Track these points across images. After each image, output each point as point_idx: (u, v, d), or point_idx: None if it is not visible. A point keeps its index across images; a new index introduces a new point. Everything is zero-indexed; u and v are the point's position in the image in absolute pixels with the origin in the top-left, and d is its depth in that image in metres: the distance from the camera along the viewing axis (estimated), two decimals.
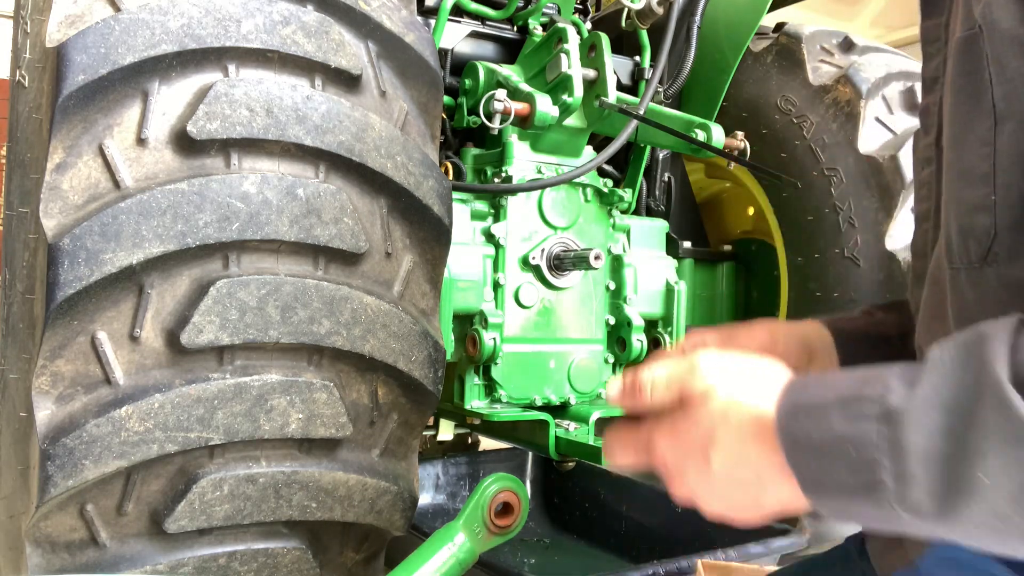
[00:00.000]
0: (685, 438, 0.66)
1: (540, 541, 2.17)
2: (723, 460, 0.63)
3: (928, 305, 0.75)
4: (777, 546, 1.62)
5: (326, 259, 1.20)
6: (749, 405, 0.63)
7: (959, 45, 0.66)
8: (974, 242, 0.65)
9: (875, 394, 0.57)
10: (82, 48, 1.06)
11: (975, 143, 0.64)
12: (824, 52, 2.19)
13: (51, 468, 1.03)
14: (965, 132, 0.66)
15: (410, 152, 1.26)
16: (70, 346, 1.06)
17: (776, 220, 2.23)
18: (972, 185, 0.65)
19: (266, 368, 1.15)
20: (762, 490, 0.63)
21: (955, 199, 0.67)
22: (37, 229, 1.08)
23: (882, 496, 0.55)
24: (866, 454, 0.56)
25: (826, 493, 0.59)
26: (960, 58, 0.66)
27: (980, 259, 0.65)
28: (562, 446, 1.74)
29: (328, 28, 1.21)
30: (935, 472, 0.53)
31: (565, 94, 1.73)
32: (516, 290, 1.81)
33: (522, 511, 1.17)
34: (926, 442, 0.54)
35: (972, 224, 0.65)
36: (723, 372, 0.66)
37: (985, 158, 0.63)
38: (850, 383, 0.59)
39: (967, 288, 0.66)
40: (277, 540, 1.21)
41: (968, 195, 0.65)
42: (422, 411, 1.31)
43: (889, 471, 0.55)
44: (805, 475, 0.60)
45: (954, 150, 0.68)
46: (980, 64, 0.64)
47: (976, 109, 0.64)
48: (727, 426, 0.63)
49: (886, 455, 0.55)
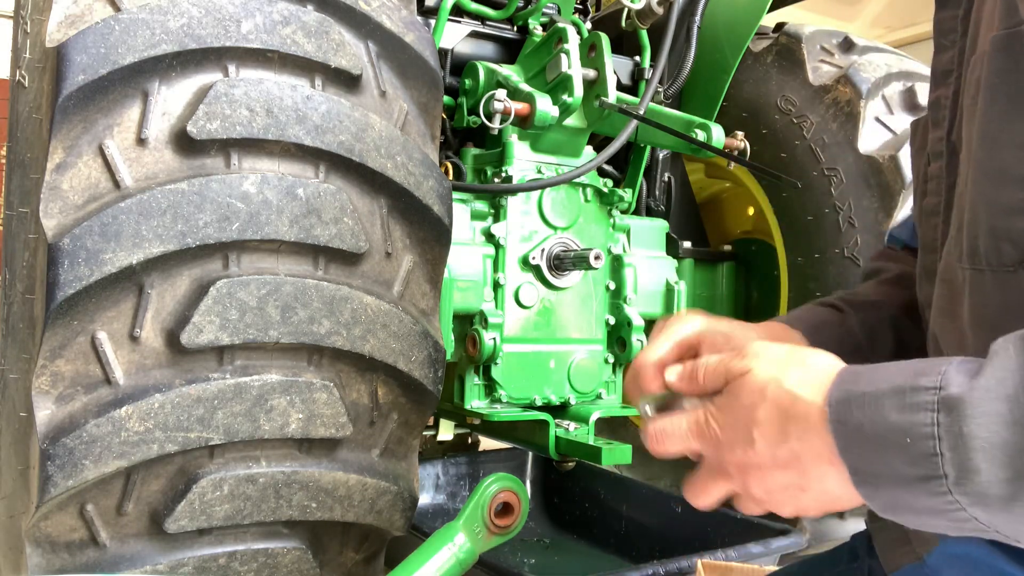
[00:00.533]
0: (729, 414, 0.66)
1: (540, 541, 2.17)
2: (765, 437, 0.63)
3: (940, 303, 0.75)
4: (777, 546, 1.61)
5: (326, 259, 1.20)
6: (788, 385, 0.63)
7: (996, 42, 0.64)
8: (1009, 245, 0.64)
9: (932, 384, 0.56)
10: (82, 48, 1.06)
11: (1013, 145, 0.63)
12: (824, 52, 2.19)
13: (51, 468, 1.03)
14: (1000, 132, 0.64)
15: (410, 152, 1.26)
16: (70, 346, 1.06)
17: (776, 220, 2.23)
18: (1008, 187, 0.63)
19: (266, 368, 1.15)
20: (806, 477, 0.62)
21: (986, 200, 0.66)
22: (37, 229, 1.08)
23: (941, 487, 0.55)
24: (924, 445, 0.55)
25: (880, 484, 0.58)
26: (997, 56, 0.64)
27: (1015, 263, 0.63)
28: (562, 446, 1.74)
29: (328, 28, 1.21)
30: (1000, 462, 0.53)
31: (565, 94, 1.73)
32: (516, 290, 1.81)
33: (522, 511, 1.17)
34: (989, 433, 0.53)
35: (1008, 227, 0.63)
36: (766, 353, 0.67)
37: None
38: (905, 373, 0.59)
39: (993, 291, 0.65)
40: (277, 540, 1.21)
41: (1004, 197, 0.64)
42: (422, 411, 1.31)
43: (950, 461, 0.54)
44: (858, 466, 0.59)
45: (985, 149, 0.66)
46: (1021, 64, 0.62)
47: (1015, 110, 0.63)
48: (766, 404, 0.63)
49: (946, 445, 0.54)
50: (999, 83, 0.64)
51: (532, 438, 1.80)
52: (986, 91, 0.66)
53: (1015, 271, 0.64)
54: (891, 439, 0.57)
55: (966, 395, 0.54)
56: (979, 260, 0.66)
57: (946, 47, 0.79)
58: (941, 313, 0.74)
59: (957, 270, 0.70)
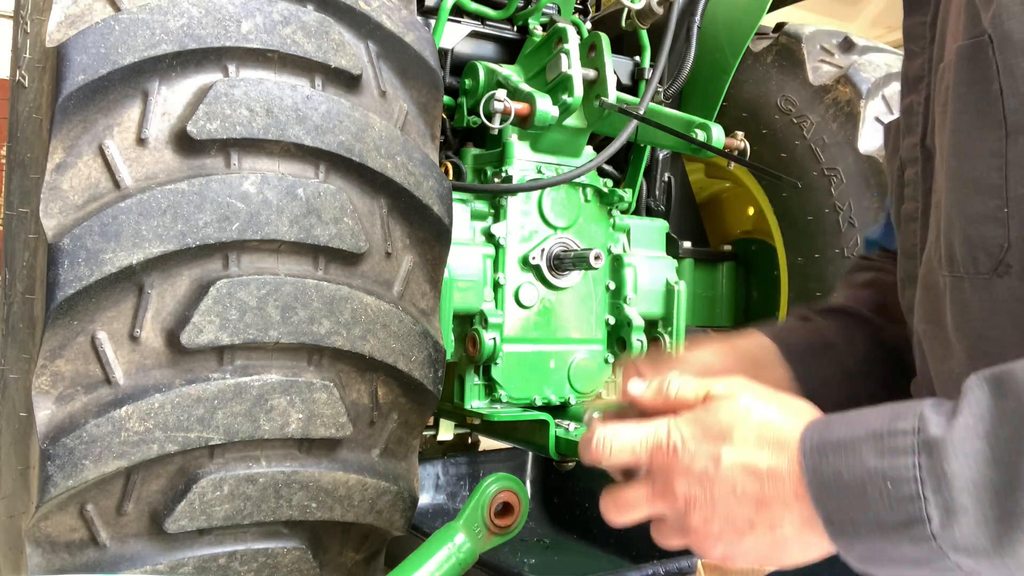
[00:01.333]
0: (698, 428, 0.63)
1: (540, 541, 2.17)
2: (735, 457, 0.60)
3: (923, 309, 0.74)
4: None
5: (326, 259, 1.20)
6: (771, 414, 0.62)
7: (961, 52, 0.64)
8: (984, 254, 0.63)
9: (910, 427, 0.55)
10: (82, 48, 1.06)
11: (983, 154, 0.62)
12: (824, 52, 2.19)
13: (51, 468, 1.03)
14: (971, 142, 0.64)
15: (410, 152, 1.26)
16: (70, 346, 1.06)
17: (776, 220, 2.23)
18: (980, 196, 0.63)
19: (266, 368, 1.15)
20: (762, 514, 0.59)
21: (960, 209, 0.66)
22: (37, 229, 1.08)
23: (924, 532, 0.53)
24: (906, 489, 0.53)
25: (858, 534, 0.56)
26: (963, 66, 0.64)
27: (990, 271, 0.63)
28: (562, 446, 1.74)
29: (328, 28, 1.21)
30: (986, 502, 0.51)
31: (565, 94, 1.73)
32: (516, 290, 1.81)
33: (522, 511, 1.17)
34: (972, 472, 0.52)
35: (982, 235, 0.63)
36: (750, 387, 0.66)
37: (996, 169, 0.62)
38: (879, 418, 0.57)
39: (973, 298, 0.65)
40: (277, 540, 1.21)
41: (976, 206, 0.63)
42: (422, 411, 1.31)
43: (933, 504, 0.53)
44: (834, 516, 0.57)
45: (957, 159, 0.66)
46: (988, 74, 0.62)
47: (984, 120, 0.62)
48: (747, 424, 0.62)
49: (929, 488, 0.53)
50: (966, 92, 0.64)
51: (532, 438, 1.80)
52: (955, 101, 0.65)
53: (990, 279, 0.63)
54: (871, 485, 0.55)
55: (946, 435, 0.53)
56: (957, 267, 0.66)
57: (916, 53, 0.79)
58: (925, 319, 0.74)
59: (937, 276, 0.69)
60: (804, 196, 2.11)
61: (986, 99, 0.62)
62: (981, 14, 0.62)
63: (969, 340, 0.66)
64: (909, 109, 0.79)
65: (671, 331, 2.01)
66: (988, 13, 0.62)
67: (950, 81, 0.66)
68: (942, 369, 0.71)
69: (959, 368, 0.67)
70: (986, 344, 0.64)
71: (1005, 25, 0.60)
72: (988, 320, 0.64)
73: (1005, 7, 0.60)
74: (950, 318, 0.68)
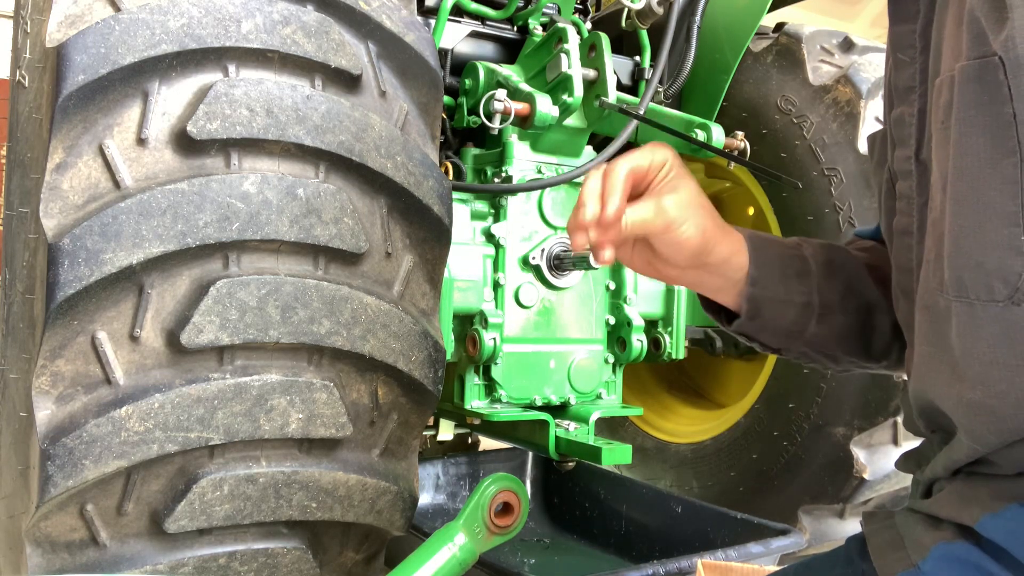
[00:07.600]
0: None
1: (540, 541, 2.17)
2: None
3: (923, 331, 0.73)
4: (777, 546, 1.61)
5: (326, 259, 1.20)
6: None
7: (967, 73, 0.62)
8: (1000, 282, 0.62)
9: None
10: (82, 48, 1.06)
11: (997, 179, 0.61)
12: (824, 52, 2.19)
13: (51, 468, 1.03)
14: (981, 167, 0.62)
15: (410, 152, 1.26)
16: (70, 346, 1.06)
17: (776, 220, 2.23)
18: (994, 223, 0.61)
19: (266, 368, 1.15)
20: None
21: (972, 234, 0.64)
22: (37, 229, 1.08)
23: None
24: None
25: None
26: (969, 87, 0.62)
27: (1006, 298, 0.62)
28: (562, 446, 1.75)
29: (328, 28, 1.21)
30: None
31: (565, 94, 1.73)
32: (516, 290, 1.81)
33: (522, 511, 1.17)
34: None
35: (998, 264, 0.62)
36: None
37: (1011, 196, 0.60)
38: None
39: (985, 325, 0.64)
40: (277, 540, 1.21)
41: (990, 233, 0.62)
42: (422, 411, 1.31)
43: None
44: None
45: (965, 183, 0.64)
46: (999, 96, 0.60)
47: (997, 145, 0.61)
48: None
49: None
50: (975, 116, 0.62)
51: (532, 438, 1.81)
52: (960, 123, 0.63)
53: (1006, 306, 0.62)
54: None
55: None
56: (966, 292, 0.65)
57: (905, 63, 0.77)
58: (927, 342, 0.72)
59: (938, 297, 0.68)
60: (804, 196, 2.11)
61: (998, 123, 0.60)
62: (989, 34, 0.60)
63: (982, 366, 0.65)
64: (900, 120, 0.78)
65: (671, 331, 2.02)
66: (1001, 35, 0.59)
67: (953, 100, 0.64)
68: (950, 393, 0.69)
69: (970, 394, 0.66)
70: (1000, 371, 0.63)
71: (1020, 48, 0.58)
72: (1004, 348, 0.63)
73: (1020, 29, 0.58)
74: (957, 342, 0.67)
